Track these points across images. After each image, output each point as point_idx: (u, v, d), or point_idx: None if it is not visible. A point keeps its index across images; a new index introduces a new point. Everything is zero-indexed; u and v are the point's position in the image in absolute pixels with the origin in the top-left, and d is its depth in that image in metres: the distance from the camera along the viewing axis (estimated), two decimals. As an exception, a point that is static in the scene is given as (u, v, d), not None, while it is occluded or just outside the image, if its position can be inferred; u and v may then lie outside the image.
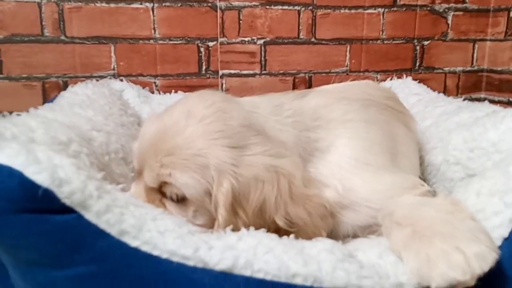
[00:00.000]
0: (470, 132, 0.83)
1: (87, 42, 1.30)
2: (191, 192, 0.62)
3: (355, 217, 0.70)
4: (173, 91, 1.35)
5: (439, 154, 0.89)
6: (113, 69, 1.33)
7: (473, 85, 1.60)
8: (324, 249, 0.54)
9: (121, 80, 1.30)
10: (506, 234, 0.58)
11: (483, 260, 0.50)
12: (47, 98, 1.30)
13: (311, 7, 1.43)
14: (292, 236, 0.58)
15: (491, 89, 1.57)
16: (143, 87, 1.33)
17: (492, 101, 1.56)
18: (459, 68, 1.58)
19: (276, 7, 1.41)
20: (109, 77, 1.31)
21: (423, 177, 0.95)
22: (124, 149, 0.84)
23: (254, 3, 1.39)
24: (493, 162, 0.77)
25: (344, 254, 0.54)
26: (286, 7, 1.42)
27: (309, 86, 1.49)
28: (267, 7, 1.41)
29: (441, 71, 1.57)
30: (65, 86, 1.30)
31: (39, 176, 0.46)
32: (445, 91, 1.58)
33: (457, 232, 0.54)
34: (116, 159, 0.79)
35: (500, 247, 0.57)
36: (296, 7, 1.43)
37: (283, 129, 0.71)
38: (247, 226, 0.58)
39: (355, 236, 0.72)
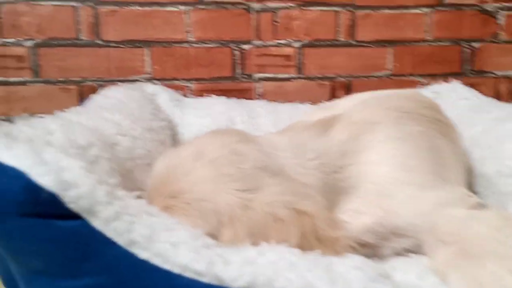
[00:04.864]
0: (527, 139, 0.75)
1: (122, 46, 1.30)
2: None
3: (401, 241, 0.64)
4: (205, 94, 1.32)
5: (490, 164, 0.81)
6: (148, 73, 1.32)
7: (529, 90, 1.48)
8: (353, 267, 0.48)
9: (155, 84, 1.28)
10: None
11: None
12: (83, 101, 1.30)
13: (350, 8, 1.37)
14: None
15: (549, 94, 1.44)
16: (177, 91, 1.31)
17: (550, 108, 1.43)
18: (514, 72, 1.46)
19: (313, 8, 1.36)
20: (143, 81, 1.30)
21: (472, 190, 0.86)
22: (151, 155, 0.81)
23: (290, 4, 1.35)
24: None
25: (377, 273, 0.48)
26: (324, 8, 1.36)
27: (348, 91, 1.42)
28: (304, 8, 1.35)
29: (492, 75, 1.46)
30: (100, 90, 1.30)
31: (44, 179, 0.43)
32: (497, 97, 1.47)
33: (510, 252, 0.48)
34: (141, 165, 0.75)
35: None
36: (334, 8, 1.37)
37: (306, 172, 0.65)
38: None
39: (398, 255, 0.65)
